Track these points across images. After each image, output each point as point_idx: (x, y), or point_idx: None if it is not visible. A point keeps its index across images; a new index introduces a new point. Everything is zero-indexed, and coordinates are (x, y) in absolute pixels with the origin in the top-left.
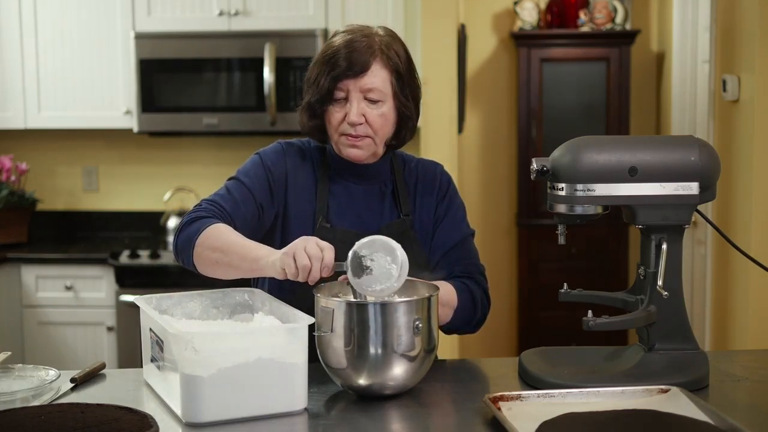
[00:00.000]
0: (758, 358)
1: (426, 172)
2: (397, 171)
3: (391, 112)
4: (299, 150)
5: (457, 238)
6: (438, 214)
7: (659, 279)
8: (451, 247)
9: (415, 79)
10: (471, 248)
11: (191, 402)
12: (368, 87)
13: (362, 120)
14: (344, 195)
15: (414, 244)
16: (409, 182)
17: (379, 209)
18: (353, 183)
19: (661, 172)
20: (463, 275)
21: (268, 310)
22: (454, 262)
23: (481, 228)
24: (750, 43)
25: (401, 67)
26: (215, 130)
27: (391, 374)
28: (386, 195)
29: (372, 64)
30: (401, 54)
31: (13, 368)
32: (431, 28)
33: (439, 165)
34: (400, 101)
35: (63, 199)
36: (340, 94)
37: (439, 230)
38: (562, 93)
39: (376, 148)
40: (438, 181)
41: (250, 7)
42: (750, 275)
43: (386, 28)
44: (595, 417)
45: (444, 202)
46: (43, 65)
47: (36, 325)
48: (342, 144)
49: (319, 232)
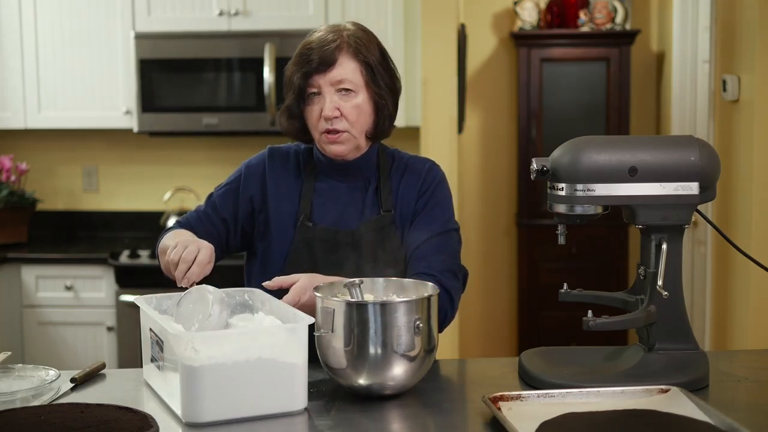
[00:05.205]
0: (758, 358)
1: (413, 168)
2: (383, 166)
3: (365, 103)
4: (284, 154)
5: (430, 233)
6: (417, 209)
7: (659, 279)
8: (423, 242)
9: (391, 69)
10: (446, 245)
11: (191, 402)
12: (338, 79)
13: (337, 113)
14: (328, 193)
15: (393, 241)
16: (394, 177)
17: (360, 205)
18: (337, 180)
19: (661, 172)
20: (427, 273)
21: (268, 310)
22: (421, 259)
23: (481, 228)
24: (750, 43)
25: (370, 58)
26: (215, 130)
27: (391, 374)
28: (369, 191)
29: (339, 57)
30: (371, 46)
31: (13, 368)
32: (431, 28)
33: (429, 161)
34: (373, 91)
35: (63, 199)
36: (313, 91)
37: (415, 225)
38: (562, 93)
39: (356, 141)
40: (423, 177)
41: (250, 7)
42: (750, 275)
43: (356, 23)
44: (595, 417)
45: (424, 197)
46: (43, 65)
47: (36, 325)
48: (323, 142)
49: (300, 230)
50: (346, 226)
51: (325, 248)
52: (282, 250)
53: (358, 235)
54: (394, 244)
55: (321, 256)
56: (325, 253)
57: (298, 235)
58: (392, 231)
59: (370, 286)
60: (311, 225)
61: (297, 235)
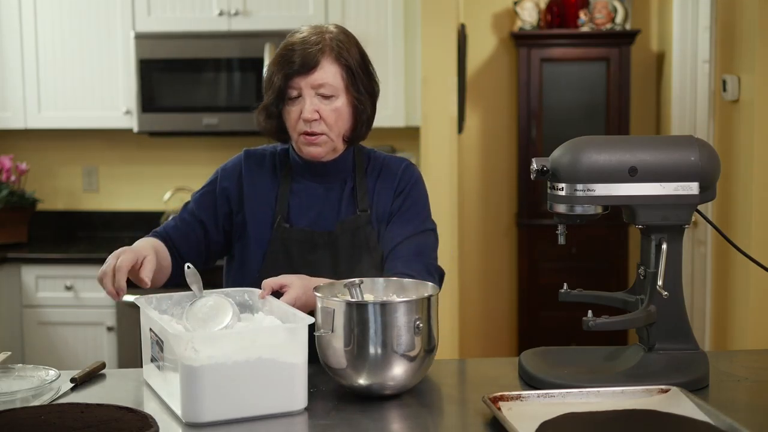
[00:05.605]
0: (758, 358)
1: (389, 168)
2: (358, 166)
3: (345, 107)
4: (260, 157)
5: (407, 233)
6: (393, 209)
7: (659, 279)
8: (400, 243)
9: (370, 73)
10: (422, 245)
11: (191, 402)
12: (319, 83)
13: (316, 116)
14: (305, 194)
15: (369, 240)
16: (370, 178)
17: (337, 206)
18: (314, 182)
19: (661, 172)
20: (404, 273)
21: (268, 310)
22: (398, 258)
23: (481, 228)
24: (750, 43)
25: (351, 62)
26: (215, 130)
27: (391, 374)
28: (346, 191)
29: (321, 60)
30: (352, 50)
31: (13, 368)
32: (431, 28)
33: (405, 161)
34: (353, 95)
35: (63, 199)
36: (293, 93)
37: (391, 225)
38: (562, 93)
39: (334, 144)
40: (399, 176)
41: (250, 7)
42: (750, 275)
43: (339, 26)
44: (595, 417)
45: (401, 197)
46: (43, 65)
47: (36, 325)
48: (300, 143)
49: (276, 232)
50: (322, 227)
51: (302, 249)
52: (259, 251)
53: (335, 236)
54: (371, 243)
55: (298, 257)
56: (301, 254)
57: (275, 236)
58: (369, 231)
59: (370, 286)
60: (288, 226)
61: (274, 236)
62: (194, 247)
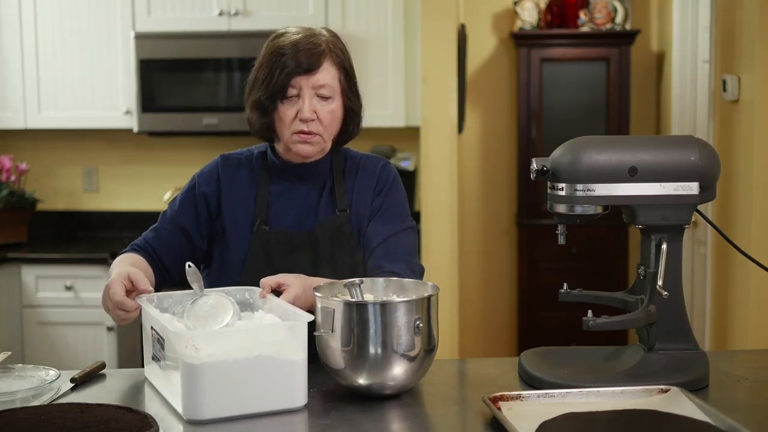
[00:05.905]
0: (758, 358)
1: (367, 167)
2: (336, 167)
3: (339, 109)
4: (237, 161)
5: (389, 231)
6: (373, 209)
7: (659, 279)
8: (380, 243)
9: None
10: (402, 244)
11: (192, 399)
12: (320, 84)
13: (314, 116)
14: (285, 196)
15: (350, 240)
16: (348, 177)
17: (316, 206)
18: (292, 183)
19: (661, 172)
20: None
21: (268, 308)
22: (379, 257)
23: (481, 228)
24: (750, 43)
25: (347, 64)
26: (215, 130)
27: (391, 374)
28: (325, 192)
29: (323, 61)
30: (345, 52)
31: (13, 368)
32: (431, 28)
33: (382, 160)
34: (347, 97)
35: (63, 199)
36: (292, 92)
37: (372, 223)
38: (562, 93)
39: (325, 144)
40: (377, 176)
41: (250, 7)
42: (750, 275)
43: (327, 28)
44: (595, 417)
45: (380, 197)
46: (43, 65)
47: (36, 325)
48: (294, 141)
49: (256, 235)
50: (302, 228)
51: (281, 251)
52: (239, 254)
53: (315, 236)
54: (351, 243)
55: (278, 259)
56: (281, 256)
57: (254, 239)
58: (348, 230)
59: (369, 286)
60: (267, 229)
61: (254, 239)
62: (178, 255)
